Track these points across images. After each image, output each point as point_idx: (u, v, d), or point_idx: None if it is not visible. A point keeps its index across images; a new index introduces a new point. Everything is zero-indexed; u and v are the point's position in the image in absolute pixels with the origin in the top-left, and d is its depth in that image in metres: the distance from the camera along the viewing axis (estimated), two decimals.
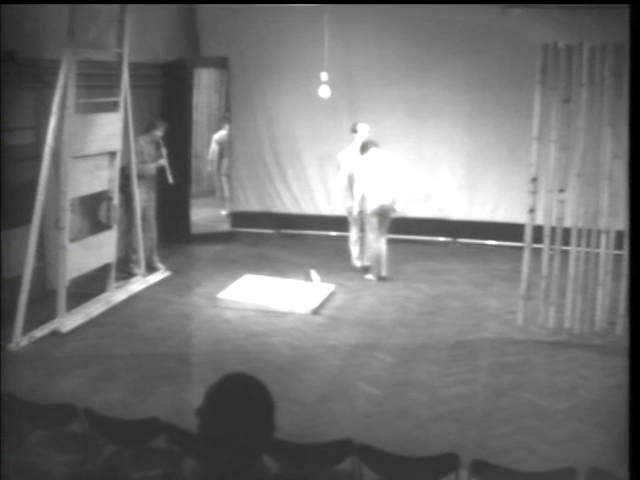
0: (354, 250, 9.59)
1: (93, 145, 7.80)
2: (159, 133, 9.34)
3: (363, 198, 9.10)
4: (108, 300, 8.16)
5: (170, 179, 9.43)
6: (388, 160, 9.14)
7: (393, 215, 9.26)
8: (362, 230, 9.48)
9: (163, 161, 9.34)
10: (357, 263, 9.56)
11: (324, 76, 9.65)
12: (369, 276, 9.23)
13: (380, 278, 9.17)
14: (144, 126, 9.21)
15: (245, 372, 2.25)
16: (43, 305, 7.54)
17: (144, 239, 9.08)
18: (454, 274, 9.54)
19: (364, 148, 9.13)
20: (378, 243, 9.16)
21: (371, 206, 9.05)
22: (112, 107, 8.18)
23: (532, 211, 7.00)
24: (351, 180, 9.28)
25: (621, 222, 6.48)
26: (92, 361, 6.66)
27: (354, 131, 9.43)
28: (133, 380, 6.28)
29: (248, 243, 11.08)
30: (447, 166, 10.94)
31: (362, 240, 9.52)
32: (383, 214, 9.13)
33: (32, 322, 7.13)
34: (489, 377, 6.41)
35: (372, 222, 9.12)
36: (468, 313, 8.06)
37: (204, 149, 12.31)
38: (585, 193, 6.89)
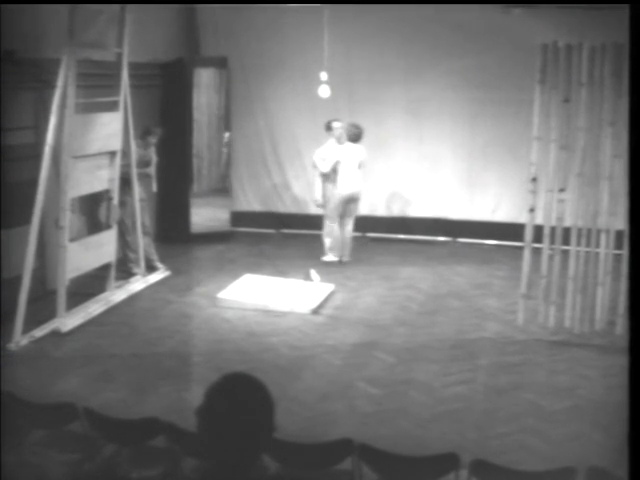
0: (327, 241, 10.07)
1: (93, 145, 7.79)
2: (153, 140, 9.29)
3: (326, 187, 9.77)
4: (108, 300, 8.15)
5: (154, 188, 9.50)
6: (359, 152, 9.72)
7: (358, 203, 9.87)
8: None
9: (149, 170, 9.31)
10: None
11: (324, 76, 9.68)
12: (329, 257, 9.81)
13: (342, 262, 9.79)
14: (140, 131, 9.07)
15: (245, 372, 2.25)
16: (43, 305, 7.53)
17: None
18: (454, 274, 9.54)
19: (341, 140, 9.71)
20: (340, 229, 9.83)
21: (340, 194, 9.66)
22: (112, 107, 8.18)
23: (532, 211, 7.00)
24: (324, 175, 9.83)
25: (621, 222, 6.47)
26: (92, 361, 6.66)
27: (329, 129, 9.81)
28: (133, 380, 6.28)
29: (248, 243, 11.07)
30: (447, 166, 10.94)
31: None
32: (350, 202, 9.75)
33: (32, 322, 7.13)
34: (489, 377, 6.41)
35: (338, 209, 9.73)
36: (468, 313, 8.06)
37: (204, 149, 12.29)
38: (585, 193, 6.89)
